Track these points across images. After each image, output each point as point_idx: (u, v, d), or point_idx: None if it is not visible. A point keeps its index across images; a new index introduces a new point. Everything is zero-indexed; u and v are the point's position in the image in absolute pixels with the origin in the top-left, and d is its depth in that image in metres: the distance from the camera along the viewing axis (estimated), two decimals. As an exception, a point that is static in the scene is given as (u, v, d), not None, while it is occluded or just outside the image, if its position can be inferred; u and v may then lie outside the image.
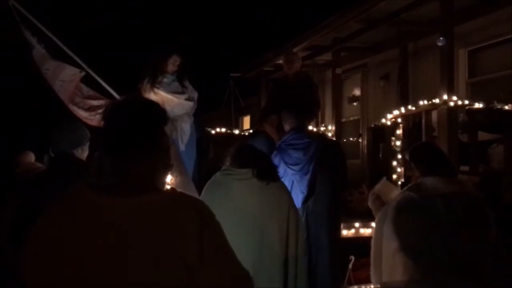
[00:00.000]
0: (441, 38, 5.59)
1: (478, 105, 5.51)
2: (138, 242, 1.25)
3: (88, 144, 2.70)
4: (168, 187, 1.49)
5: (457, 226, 2.47)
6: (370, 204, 2.97)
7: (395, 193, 2.90)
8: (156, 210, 1.29)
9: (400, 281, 2.48)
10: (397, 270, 2.48)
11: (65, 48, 4.30)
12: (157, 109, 1.41)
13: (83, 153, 2.68)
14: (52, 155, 2.70)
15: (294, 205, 2.73)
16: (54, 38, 4.30)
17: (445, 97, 5.46)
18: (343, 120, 8.71)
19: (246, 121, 12.91)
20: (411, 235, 2.48)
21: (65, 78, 4.21)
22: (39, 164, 4.44)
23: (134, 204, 1.28)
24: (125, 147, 1.34)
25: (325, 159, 3.69)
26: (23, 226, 2.26)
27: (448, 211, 2.48)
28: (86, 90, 4.33)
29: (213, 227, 1.33)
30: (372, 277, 2.69)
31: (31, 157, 4.68)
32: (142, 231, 1.26)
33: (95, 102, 4.28)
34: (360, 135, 8.46)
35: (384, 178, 3.10)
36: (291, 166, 3.66)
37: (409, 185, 2.72)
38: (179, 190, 1.39)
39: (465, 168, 5.30)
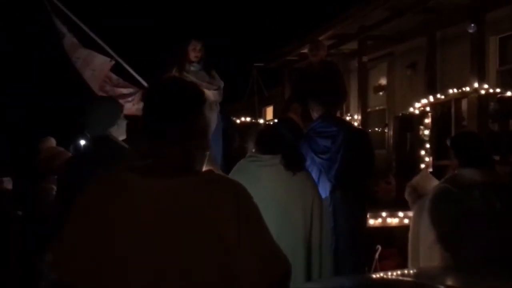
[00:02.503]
0: (472, 25, 5.46)
1: (510, 94, 5.37)
2: (177, 223, 1.25)
3: (123, 117, 2.66)
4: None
5: (494, 217, 2.45)
6: (406, 196, 2.96)
7: (432, 185, 2.86)
8: (195, 191, 1.29)
9: (435, 267, 2.47)
10: (434, 261, 2.47)
11: (94, 37, 4.36)
12: (194, 90, 1.41)
13: (120, 129, 2.64)
14: (83, 140, 2.71)
15: (319, 194, 2.71)
16: (84, 27, 4.36)
17: (475, 85, 5.34)
18: (369, 110, 8.61)
19: (269, 112, 12.87)
20: (448, 226, 2.47)
21: (96, 67, 4.28)
22: (61, 148, 4.47)
23: (173, 186, 1.29)
24: (163, 128, 1.34)
25: (353, 148, 3.64)
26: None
27: (485, 202, 2.46)
28: (115, 78, 4.39)
29: (251, 209, 1.33)
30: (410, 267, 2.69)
31: (53, 142, 4.72)
32: (181, 212, 1.26)
33: (124, 90, 4.34)
34: (386, 125, 8.35)
35: (425, 170, 3.07)
36: (319, 155, 3.63)
37: (446, 176, 2.69)
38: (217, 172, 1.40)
39: (495, 157, 5.19)
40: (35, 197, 3.97)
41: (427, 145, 5.63)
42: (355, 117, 8.17)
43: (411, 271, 2.55)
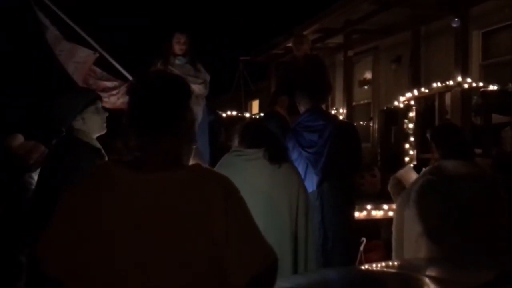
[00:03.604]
0: (456, 20, 5.52)
1: (492, 88, 5.45)
2: (165, 217, 1.25)
3: (94, 111, 2.45)
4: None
5: (478, 208, 2.48)
6: (390, 187, 2.96)
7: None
8: (183, 186, 1.29)
9: (411, 259, 2.49)
10: (420, 253, 2.47)
11: (78, 30, 4.30)
12: (181, 83, 1.40)
13: (88, 121, 2.42)
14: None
15: (304, 187, 2.72)
16: (68, 20, 4.30)
17: (459, 79, 5.41)
18: (354, 103, 8.65)
19: (255, 106, 12.87)
20: (434, 218, 2.47)
21: (79, 59, 4.22)
22: (32, 142, 4.33)
23: (160, 180, 1.28)
24: (150, 122, 1.33)
25: (340, 142, 3.67)
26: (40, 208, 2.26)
27: (469, 193, 2.49)
28: (99, 72, 4.34)
29: (238, 203, 1.33)
30: (394, 260, 2.70)
31: (21, 138, 4.53)
32: (169, 207, 1.26)
33: (109, 84, 4.30)
34: (371, 119, 8.41)
35: (410, 165, 3.08)
36: (306, 149, 3.66)
37: (429, 168, 2.71)
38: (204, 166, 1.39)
39: (478, 150, 5.27)
40: (14, 192, 3.92)
41: (412, 139, 5.68)
42: (341, 110, 8.21)
43: (397, 263, 2.58)
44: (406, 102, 5.95)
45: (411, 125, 5.76)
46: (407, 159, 5.63)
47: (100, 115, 2.47)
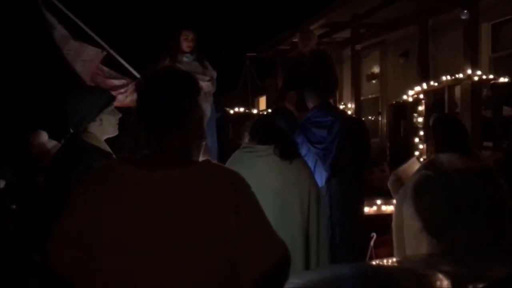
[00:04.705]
0: (465, 12, 5.47)
1: (503, 80, 5.39)
2: (175, 215, 1.24)
3: (111, 111, 2.29)
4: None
5: (476, 201, 2.46)
6: (389, 184, 2.96)
7: None
8: (193, 182, 1.28)
9: (421, 255, 2.48)
10: (421, 249, 2.47)
11: (86, 28, 4.30)
12: (190, 80, 1.39)
13: (104, 123, 2.27)
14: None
15: (315, 183, 2.72)
16: (75, 19, 4.31)
17: (468, 72, 5.35)
18: (362, 98, 8.61)
19: (262, 102, 12.85)
20: (433, 214, 2.46)
21: (87, 58, 4.23)
22: (53, 143, 4.31)
23: (170, 177, 1.28)
24: (158, 119, 1.32)
25: (348, 138, 3.66)
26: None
27: (466, 186, 2.47)
28: (107, 70, 4.34)
29: (249, 199, 1.33)
30: (396, 257, 2.69)
31: (44, 136, 4.37)
32: (179, 204, 1.25)
33: (116, 82, 4.30)
34: (379, 113, 8.37)
35: (414, 158, 3.06)
36: (315, 145, 3.65)
37: (424, 162, 2.69)
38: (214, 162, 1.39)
39: (488, 144, 5.23)
40: (29, 191, 3.95)
41: (421, 133, 5.64)
42: (349, 105, 8.17)
43: (408, 258, 2.56)
44: (415, 96, 5.91)
45: (420, 119, 5.71)
46: (416, 153, 5.59)
47: (115, 117, 2.33)
